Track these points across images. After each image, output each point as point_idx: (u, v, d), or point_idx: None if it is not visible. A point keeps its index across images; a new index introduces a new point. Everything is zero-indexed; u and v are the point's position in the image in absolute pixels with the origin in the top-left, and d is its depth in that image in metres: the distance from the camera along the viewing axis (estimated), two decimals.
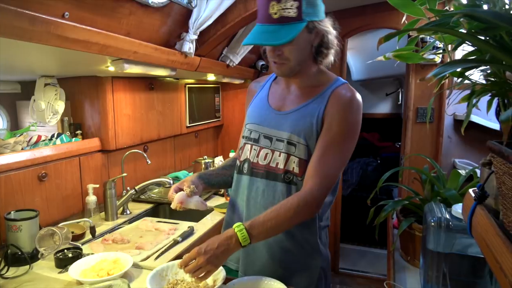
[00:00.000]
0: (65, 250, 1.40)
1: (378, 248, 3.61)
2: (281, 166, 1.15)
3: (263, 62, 2.88)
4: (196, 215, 1.99)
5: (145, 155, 2.05)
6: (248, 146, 1.21)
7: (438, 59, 2.50)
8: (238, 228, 1.02)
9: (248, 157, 1.21)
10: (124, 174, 1.95)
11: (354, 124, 1.09)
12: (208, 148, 3.08)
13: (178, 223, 1.85)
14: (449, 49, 0.78)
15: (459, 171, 1.41)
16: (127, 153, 2.03)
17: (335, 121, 1.09)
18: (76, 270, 1.24)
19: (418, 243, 1.31)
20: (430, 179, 1.39)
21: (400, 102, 4.34)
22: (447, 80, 2.58)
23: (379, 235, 1.42)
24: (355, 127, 1.10)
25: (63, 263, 1.34)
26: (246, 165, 1.21)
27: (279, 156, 1.15)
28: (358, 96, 1.11)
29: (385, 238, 1.75)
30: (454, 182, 1.38)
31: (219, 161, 2.42)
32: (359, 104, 1.10)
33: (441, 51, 0.94)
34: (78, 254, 1.37)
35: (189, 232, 1.69)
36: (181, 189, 1.19)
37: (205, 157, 2.52)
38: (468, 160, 2.79)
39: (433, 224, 1.07)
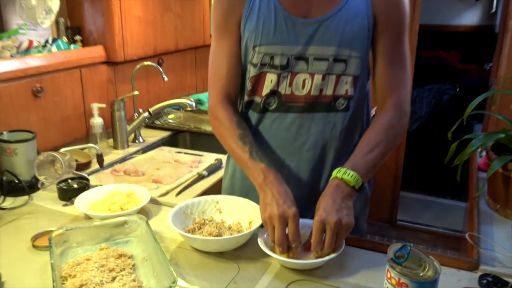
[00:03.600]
0: (69, 180, 1.45)
1: (448, 199, 3.59)
2: (328, 92, 1.12)
3: None
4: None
5: (160, 69, 2.03)
6: (271, 76, 1.13)
7: None
8: (350, 176, 1.01)
9: (276, 89, 1.14)
10: (136, 93, 1.96)
11: (408, 12, 1.11)
12: None
13: (202, 155, 1.87)
14: None
15: None
16: (138, 66, 2.02)
17: (392, 17, 1.08)
18: (83, 203, 1.29)
19: None
20: None
21: (494, 10, 4.03)
22: None
23: (452, 181, 1.38)
24: (408, 16, 1.11)
25: (67, 194, 1.39)
26: (273, 100, 1.15)
27: (323, 79, 1.10)
28: None
29: (462, 184, 1.71)
30: None
31: None
32: None
33: None
34: (84, 185, 1.43)
35: (217, 166, 1.71)
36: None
37: None
38: None
39: None
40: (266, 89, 1.15)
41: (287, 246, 0.99)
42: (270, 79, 1.13)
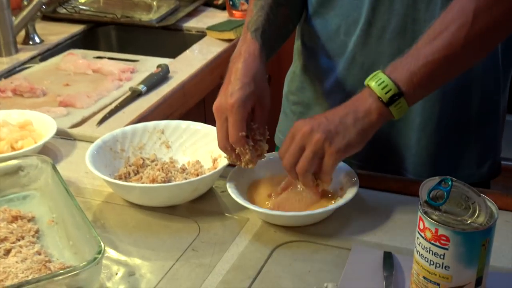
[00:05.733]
0: None
1: None
2: None
3: None
4: (171, 45, 2.00)
5: None
6: None
7: None
8: (378, 81, 1.01)
9: None
10: None
11: None
12: None
13: (137, 60, 1.88)
14: None
15: None
16: None
17: None
18: None
19: None
20: None
21: None
22: None
23: None
24: None
25: None
26: None
27: None
28: None
29: None
30: None
31: None
32: None
33: None
34: None
35: (160, 76, 1.72)
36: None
37: None
38: None
39: None
40: None
41: (233, 152, 1.08)
42: None
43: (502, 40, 1.12)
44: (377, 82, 1.00)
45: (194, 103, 1.80)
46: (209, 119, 1.41)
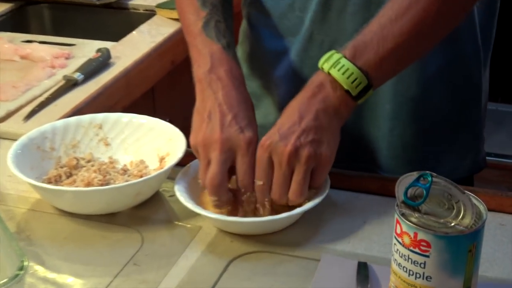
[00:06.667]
0: None
1: None
2: None
3: None
4: (114, 26, 2.00)
5: None
6: None
7: None
8: (342, 69, 1.00)
9: None
10: None
11: None
12: None
13: (74, 44, 1.87)
14: None
15: None
16: None
17: None
18: None
19: None
20: None
21: None
22: None
23: None
24: None
25: None
26: None
27: None
28: None
29: None
30: None
31: None
32: None
33: None
34: None
35: (100, 62, 1.71)
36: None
37: None
38: None
39: None
40: None
41: (228, 198, 1.05)
42: None
43: (472, 6, 1.14)
44: (340, 70, 0.99)
45: (140, 94, 1.79)
46: (158, 113, 1.40)
